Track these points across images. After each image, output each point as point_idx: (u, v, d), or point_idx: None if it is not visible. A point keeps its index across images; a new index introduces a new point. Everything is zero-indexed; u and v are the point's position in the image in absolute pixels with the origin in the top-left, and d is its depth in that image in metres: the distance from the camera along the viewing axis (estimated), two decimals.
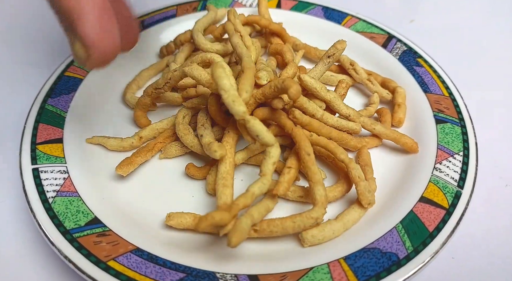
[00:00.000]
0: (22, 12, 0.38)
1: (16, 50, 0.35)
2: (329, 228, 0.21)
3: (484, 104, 0.32)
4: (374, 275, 0.19)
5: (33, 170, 0.22)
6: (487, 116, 0.31)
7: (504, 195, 0.26)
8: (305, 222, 0.20)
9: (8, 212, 0.24)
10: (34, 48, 0.35)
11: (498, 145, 0.29)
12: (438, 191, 0.22)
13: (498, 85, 0.34)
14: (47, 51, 0.34)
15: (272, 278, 0.19)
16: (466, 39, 0.39)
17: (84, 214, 0.21)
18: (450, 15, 0.42)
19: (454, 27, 0.40)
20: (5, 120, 0.29)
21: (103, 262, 0.19)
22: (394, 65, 0.31)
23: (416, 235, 0.20)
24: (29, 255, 0.22)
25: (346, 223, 0.21)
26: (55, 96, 0.27)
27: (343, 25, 0.34)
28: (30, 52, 0.34)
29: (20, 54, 0.34)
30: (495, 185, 0.27)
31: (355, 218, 0.22)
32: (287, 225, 0.20)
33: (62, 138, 0.25)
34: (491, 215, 0.25)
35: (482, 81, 0.34)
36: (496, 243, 0.24)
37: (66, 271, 0.21)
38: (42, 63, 0.33)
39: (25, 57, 0.34)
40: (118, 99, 0.29)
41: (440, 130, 0.26)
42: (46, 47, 0.35)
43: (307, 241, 0.20)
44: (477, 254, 0.23)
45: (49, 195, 0.22)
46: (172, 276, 0.19)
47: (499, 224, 0.25)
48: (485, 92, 0.33)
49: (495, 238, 0.24)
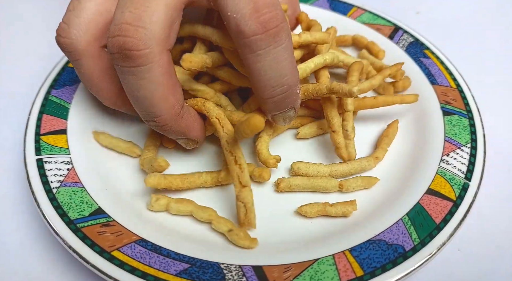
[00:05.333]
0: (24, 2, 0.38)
1: (18, 41, 0.35)
2: (316, 167, 0.23)
3: (493, 95, 0.31)
4: (380, 267, 0.19)
5: (37, 160, 0.22)
6: (495, 108, 0.30)
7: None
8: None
9: (12, 203, 0.24)
10: (37, 39, 0.35)
11: (507, 137, 0.28)
12: (445, 183, 0.22)
13: (506, 77, 0.34)
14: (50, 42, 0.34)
15: (277, 269, 0.19)
16: (472, 31, 0.38)
17: (88, 204, 0.21)
18: (455, 6, 0.41)
19: (460, 19, 0.39)
20: (8, 111, 0.29)
21: (107, 252, 0.19)
22: (401, 56, 0.30)
23: (423, 227, 0.20)
24: (33, 245, 0.22)
25: (334, 171, 0.23)
26: (58, 88, 0.27)
27: (348, 17, 0.34)
28: (32, 43, 0.34)
29: (22, 45, 0.34)
30: (503, 177, 0.26)
31: (344, 170, 0.23)
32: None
33: (66, 129, 0.25)
34: (499, 208, 0.25)
35: (490, 73, 0.34)
36: (503, 236, 0.23)
37: (71, 261, 0.21)
38: (44, 54, 0.33)
39: (27, 48, 0.34)
40: None
41: (448, 122, 0.25)
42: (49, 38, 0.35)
43: (293, 171, 0.23)
44: (484, 246, 0.23)
45: (53, 185, 0.21)
46: (176, 267, 0.19)
47: (507, 216, 0.24)
48: (493, 83, 0.33)
49: (503, 231, 0.24)
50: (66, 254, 0.22)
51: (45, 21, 0.36)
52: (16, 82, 0.31)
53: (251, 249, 0.20)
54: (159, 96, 0.19)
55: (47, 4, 0.38)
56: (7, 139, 0.27)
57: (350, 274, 0.18)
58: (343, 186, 0.23)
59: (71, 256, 0.21)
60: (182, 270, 0.19)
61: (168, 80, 0.19)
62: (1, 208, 0.24)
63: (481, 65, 0.34)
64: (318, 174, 0.23)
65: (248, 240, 0.20)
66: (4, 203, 0.24)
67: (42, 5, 0.38)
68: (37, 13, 0.37)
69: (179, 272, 0.18)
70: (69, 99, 0.26)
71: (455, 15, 0.40)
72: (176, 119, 0.20)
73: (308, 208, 0.22)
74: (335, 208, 0.22)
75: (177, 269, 0.19)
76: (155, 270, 0.18)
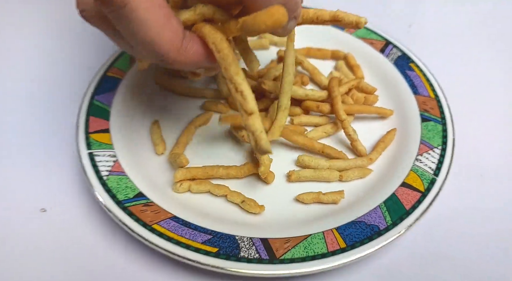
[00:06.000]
0: (64, 26, 0.44)
1: (64, 54, 0.40)
2: (318, 161, 0.28)
3: (470, 105, 0.36)
4: (359, 241, 0.24)
5: (89, 154, 0.28)
6: (471, 116, 0.35)
7: (478, 183, 0.31)
8: None
9: (70, 189, 0.30)
10: (82, 51, 0.40)
11: (479, 142, 0.33)
12: (417, 177, 0.27)
13: (484, 88, 0.38)
14: (88, 54, 0.40)
15: (279, 241, 0.24)
16: (458, 44, 0.43)
17: (131, 189, 0.27)
18: (445, 21, 0.45)
19: (448, 33, 0.44)
20: (58, 114, 0.35)
21: (149, 225, 0.25)
22: (389, 68, 0.35)
23: (395, 212, 0.25)
24: (88, 222, 0.28)
25: (332, 166, 0.28)
26: (100, 93, 0.32)
27: (346, 31, 0.38)
28: (77, 55, 0.40)
29: (68, 57, 0.40)
30: (471, 175, 0.31)
31: (341, 166, 0.28)
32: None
33: (109, 128, 0.30)
34: (465, 200, 0.30)
35: (470, 84, 0.38)
36: (466, 221, 0.29)
37: (118, 233, 0.27)
38: (87, 65, 0.38)
39: (74, 60, 0.39)
40: (151, 96, 0.34)
41: (424, 128, 0.30)
42: (89, 50, 0.40)
43: (298, 163, 0.29)
44: (449, 229, 0.28)
45: (103, 173, 0.27)
46: (202, 237, 0.24)
47: (471, 206, 0.29)
48: (472, 94, 0.37)
49: (466, 217, 0.29)
50: (115, 227, 0.27)
51: (82, 39, 0.41)
52: (64, 90, 0.36)
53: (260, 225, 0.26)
54: (153, 35, 0.18)
55: None
56: (62, 138, 0.33)
57: (335, 246, 0.24)
58: (343, 177, 0.28)
59: (119, 229, 0.27)
60: (206, 240, 0.24)
61: (156, 15, 0.18)
62: (62, 193, 0.29)
63: (463, 77, 0.39)
64: (319, 166, 0.29)
65: (257, 207, 0.26)
66: (63, 189, 0.30)
67: None
68: (73, 34, 0.42)
69: (204, 241, 0.24)
70: (109, 104, 0.32)
71: (443, 29, 0.44)
72: (181, 52, 0.19)
73: (305, 196, 0.27)
74: (327, 196, 0.27)
75: (202, 239, 0.24)
76: (186, 239, 0.24)
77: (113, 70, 0.34)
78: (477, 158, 0.32)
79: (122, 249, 0.26)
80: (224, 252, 0.23)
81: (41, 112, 0.35)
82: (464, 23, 0.45)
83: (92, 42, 0.40)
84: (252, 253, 0.23)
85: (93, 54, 0.39)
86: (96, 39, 0.40)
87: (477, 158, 0.32)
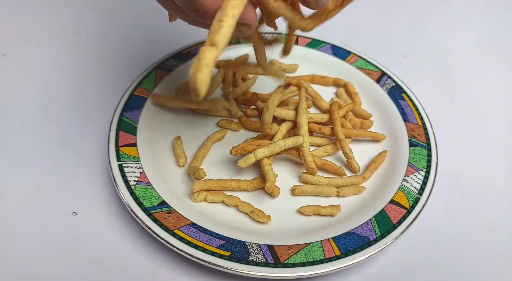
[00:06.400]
0: (91, 48, 0.48)
1: (95, 73, 0.44)
2: (318, 179, 0.32)
3: (454, 131, 0.40)
4: (352, 250, 0.28)
5: (119, 165, 0.32)
6: (455, 142, 0.39)
7: (459, 202, 0.35)
8: None
9: (100, 196, 0.33)
10: (109, 71, 0.44)
11: (459, 165, 0.37)
12: (403, 196, 0.31)
13: (468, 116, 0.42)
14: (115, 75, 0.44)
15: (283, 247, 0.28)
16: (449, 75, 0.47)
17: (155, 197, 0.31)
18: (437, 52, 0.50)
19: (441, 63, 0.49)
20: (91, 128, 0.39)
21: (171, 230, 0.28)
22: (383, 98, 0.40)
23: (384, 226, 0.29)
24: (115, 226, 0.32)
25: (331, 182, 0.32)
26: (128, 111, 0.36)
27: (347, 62, 0.43)
28: (105, 75, 0.44)
29: (97, 76, 0.44)
30: (453, 195, 0.35)
31: (339, 183, 0.32)
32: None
33: (136, 143, 0.34)
34: (447, 216, 0.34)
35: (456, 112, 0.43)
36: (447, 235, 0.32)
37: (142, 237, 0.31)
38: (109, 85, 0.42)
39: (102, 80, 0.43)
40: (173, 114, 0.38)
41: (412, 152, 0.35)
42: (113, 72, 0.44)
43: (301, 179, 0.33)
44: (432, 243, 0.32)
45: (131, 183, 0.31)
46: (216, 242, 0.28)
47: (452, 222, 0.33)
48: (457, 121, 0.42)
49: (448, 232, 0.33)
50: (140, 231, 0.31)
51: (112, 60, 0.46)
52: (96, 107, 0.40)
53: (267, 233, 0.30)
54: None
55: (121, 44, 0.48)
56: (94, 150, 0.36)
57: (331, 254, 0.28)
58: (340, 193, 0.32)
59: (144, 233, 0.31)
60: (220, 244, 0.28)
61: None
62: (93, 201, 0.33)
63: (450, 105, 0.43)
64: (319, 183, 0.33)
65: (265, 217, 0.30)
66: (95, 197, 0.33)
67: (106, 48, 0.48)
68: (101, 55, 0.47)
69: (218, 245, 0.28)
70: (137, 120, 0.36)
71: (435, 60, 0.49)
72: (215, 2, 0.19)
73: (306, 209, 0.31)
74: (325, 210, 0.31)
75: (217, 244, 0.28)
76: (203, 243, 0.28)
77: (140, 90, 0.38)
78: (457, 180, 0.36)
79: (145, 251, 0.30)
80: (235, 256, 0.27)
81: (77, 127, 0.39)
82: (454, 54, 0.50)
83: (122, 64, 0.45)
84: (260, 257, 0.27)
85: (124, 74, 0.43)
86: (125, 61, 0.45)
87: (457, 180, 0.36)
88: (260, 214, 0.30)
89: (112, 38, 0.48)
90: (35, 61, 0.45)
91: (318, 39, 0.45)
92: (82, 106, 0.40)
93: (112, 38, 0.48)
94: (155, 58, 0.42)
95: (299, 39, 0.45)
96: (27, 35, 0.48)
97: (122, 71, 0.44)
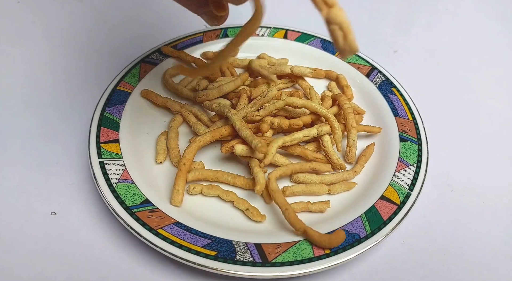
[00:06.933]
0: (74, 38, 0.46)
1: (76, 67, 0.43)
2: (310, 177, 0.31)
3: (445, 126, 0.40)
4: (342, 248, 0.27)
5: (100, 162, 0.31)
6: (445, 137, 0.39)
7: (449, 198, 0.35)
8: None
9: (81, 194, 0.32)
10: (89, 66, 0.43)
11: (451, 160, 0.37)
12: (394, 192, 0.31)
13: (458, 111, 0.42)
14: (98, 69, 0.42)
15: (271, 246, 0.27)
16: (439, 70, 0.47)
17: (138, 196, 0.29)
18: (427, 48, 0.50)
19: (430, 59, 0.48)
20: (71, 124, 0.37)
21: (154, 230, 0.27)
22: (373, 92, 0.39)
23: (374, 222, 0.29)
24: (96, 226, 0.30)
25: (323, 180, 0.31)
26: (111, 106, 0.35)
27: (336, 56, 0.42)
28: (85, 70, 0.42)
29: (79, 72, 0.42)
30: (443, 190, 0.35)
31: (331, 180, 0.31)
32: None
33: (119, 139, 0.33)
34: (438, 212, 0.33)
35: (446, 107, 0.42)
36: (438, 232, 0.32)
37: (125, 236, 0.30)
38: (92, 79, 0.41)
39: (81, 74, 0.42)
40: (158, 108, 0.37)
41: (402, 147, 0.34)
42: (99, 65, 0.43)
43: (293, 179, 0.31)
44: (422, 240, 0.32)
45: (113, 181, 0.30)
46: (202, 241, 0.27)
47: (444, 218, 0.33)
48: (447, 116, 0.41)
49: (439, 228, 0.32)
50: (122, 231, 0.30)
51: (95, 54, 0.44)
52: (77, 102, 0.39)
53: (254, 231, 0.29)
54: None
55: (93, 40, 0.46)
56: (74, 146, 0.35)
57: (320, 251, 0.27)
58: (331, 190, 0.32)
59: (126, 232, 0.29)
60: (206, 244, 0.27)
61: None
62: (73, 200, 0.32)
63: (440, 100, 0.43)
64: (311, 181, 0.32)
65: (259, 216, 0.29)
66: (75, 196, 0.32)
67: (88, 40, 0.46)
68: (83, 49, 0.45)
69: (204, 245, 0.27)
70: (119, 116, 0.35)
71: (425, 56, 0.49)
72: None
73: (295, 205, 0.30)
74: (315, 206, 0.30)
75: (202, 243, 0.27)
76: (187, 243, 0.27)
77: (123, 84, 0.37)
78: (448, 175, 0.36)
79: (128, 251, 0.29)
80: (222, 255, 0.26)
81: (55, 122, 0.37)
82: (444, 50, 0.50)
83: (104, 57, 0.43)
84: (247, 256, 0.26)
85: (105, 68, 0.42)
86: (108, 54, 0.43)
87: (448, 175, 0.36)
88: (255, 213, 0.29)
89: (97, 31, 0.47)
90: (16, 54, 0.43)
91: (308, 33, 0.44)
92: (63, 101, 0.39)
93: (97, 31, 0.47)
94: (141, 51, 0.40)
95: (289, 33, 0.44)
96: (8, 27, 0.45)
97: (106, 65, 0.42)
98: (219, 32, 0.43)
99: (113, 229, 0.30)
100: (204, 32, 0.43)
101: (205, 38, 0.42)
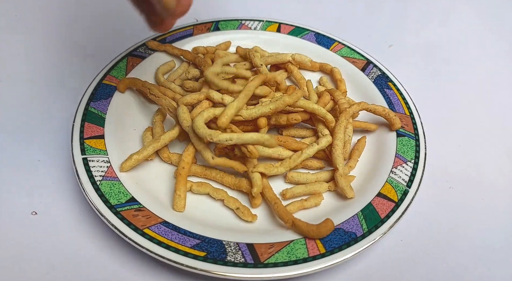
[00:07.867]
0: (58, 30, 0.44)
1: (59, 60, 0.41)
2: (306, 176, 0.30)
3: (442, 121, 0.39)
4: (338, 247, 0.26)
5: (83, 159, 0.29)
6: (443, 132, 0.38)
7: (448, 195, 0.34)
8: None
9: (63, 192, 0.30)
10: (72, 60, 0.41)
11: (449, 156, 0.36)
12: (392, 189, 0.30)
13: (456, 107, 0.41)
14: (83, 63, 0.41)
15: (264, 246, 0.26)
16: (435, 65, 0.46)
17: (124, 194, 0.28)
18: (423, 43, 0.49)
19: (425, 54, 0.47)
20: (53, 119, 0.35)
21: (140, 230, 0.26)
22: (369, 86, 0.38)
23: (371, 220, 0.28)
24: (79, 226, 0.29)
25: (319, 178, 0.30)
26: (96, 100, 0.33)
27: (331, 50, 0.41)
28: (69, 63, 0.41)
29: (61, 64, 0.41)
30: (441, 187, 0.34)
31: (327, 177, 0.31)
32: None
33: (104, 135, 0.31)
34: (436, 209, 0.32)
35: (443, 102, 0.42)
36: (437, 230, 0.31)
37: (109, 237, 0.28)
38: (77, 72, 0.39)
39: (65, 67, 0.40)
40: (145, 103, 0.36)
41: (399, 142, 0.33)
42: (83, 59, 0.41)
43: (287, 179, 0.30)
44: (420, 238, 0.30)
45: (97, 179, 0.28)
46: (191, 242, 0.26)
47: (442, 216, 0.32)
48: (444, 111, 0.40)
49: (437, 226, 0.31)
50: (107, 231, 0.28)
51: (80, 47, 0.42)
52: (57, 95, 0.37)
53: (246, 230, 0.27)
54: None
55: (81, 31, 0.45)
56: (56, 142, 0.33)
57: (315, 251, 0.26)
58: (332, 187, 0.30)
59: (111, 233, 0.28)
60: (195, 244, 0.26)
61: None
62: (55, 199, 0.30)
63: (437, 95, 0.42)
64: (307, 180, 0.30)
65: (250, 216, 0.28)
66: (57, 194, 0.30)
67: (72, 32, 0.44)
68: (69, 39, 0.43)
69: (193, 245, 0.25)
70: (105, 111, 0.33)
71: (420, 50, 0.48)
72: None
73: (291, 207, 0.29)
74: (309, 202, 0.29)
75: (191, 243, 0.25)
76: (175, 243, 0.25)
77: (109, 78, 0.35)
78: (446, 171, 0.35)
79: (112, 253, 0.27)
80: (211, 256, 0.25)
81: (37, 118, 0.35)
82: (439, 45, 0.49)
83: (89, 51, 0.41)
84: (238, 257, 0.25)
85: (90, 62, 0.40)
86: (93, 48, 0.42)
87: (446, 172, 0.35)
88: (245, 212, 0.28)
89: (83, 23, 0.45)
90: None
91: (302, 27, 0.43)
92: (46, 95, 0.37)
93: (82, 23, 0.45)
94: (129, 44, 0.39)
95: (282, 27, 0.43)
96: None
97: (91, 58, 0.40)
98: (210, 25, 0.42)
99: (97, 229, 0.29)
100: (194, 25, 0.41)
101: (196, 31, 0.41)
